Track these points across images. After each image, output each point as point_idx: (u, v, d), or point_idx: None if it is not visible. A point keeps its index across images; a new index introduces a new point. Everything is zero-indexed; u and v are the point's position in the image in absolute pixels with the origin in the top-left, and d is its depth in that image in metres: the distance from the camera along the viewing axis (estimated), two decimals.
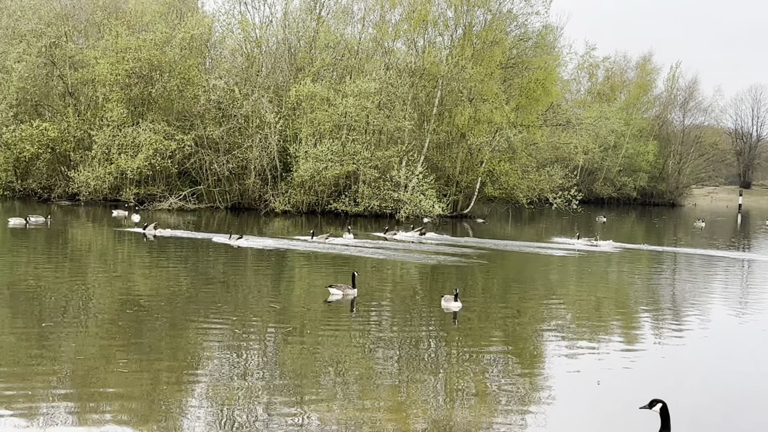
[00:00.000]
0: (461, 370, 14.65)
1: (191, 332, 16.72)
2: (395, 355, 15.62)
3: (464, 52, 56.21)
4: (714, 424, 12.44)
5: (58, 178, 58.80)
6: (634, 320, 20.91)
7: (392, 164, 54.13)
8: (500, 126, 56.67)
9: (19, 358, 14.02)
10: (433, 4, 58.18)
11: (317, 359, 14.85)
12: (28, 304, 19.13)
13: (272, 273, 27.34)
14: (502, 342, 17.32)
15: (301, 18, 59.21)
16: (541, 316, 20.71)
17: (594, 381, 14.03)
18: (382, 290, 23.65)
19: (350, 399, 12.47)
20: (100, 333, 16.29)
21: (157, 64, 56.11)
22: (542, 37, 63.09)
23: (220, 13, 60.83)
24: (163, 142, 55.02)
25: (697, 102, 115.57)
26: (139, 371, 13.45)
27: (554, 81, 64.11)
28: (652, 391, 13.45)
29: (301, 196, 55.18)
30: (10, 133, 56.27)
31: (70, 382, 12.77)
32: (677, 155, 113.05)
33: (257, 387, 12.91)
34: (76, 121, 58.53)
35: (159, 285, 23.26)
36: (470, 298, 22.22)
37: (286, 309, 19.97)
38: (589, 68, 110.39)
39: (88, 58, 57.58)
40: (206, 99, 56.01)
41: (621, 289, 27.46)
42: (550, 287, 26.77)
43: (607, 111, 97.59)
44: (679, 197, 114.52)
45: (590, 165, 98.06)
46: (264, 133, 55.57)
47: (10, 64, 57.56)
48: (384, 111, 55.07)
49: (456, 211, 59.32)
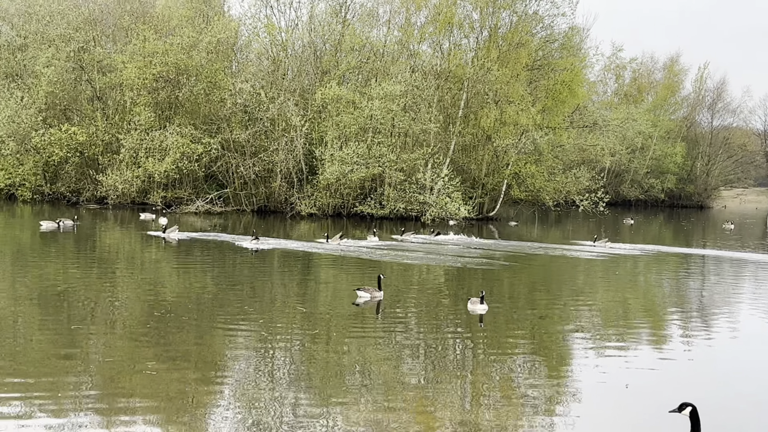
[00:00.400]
0: (487, 372, 14.58)
1: (218, 335, 16.78)
2: (421, 358, 15.59)
3: (490, 54, 56.08)
4: (744, 428, 12.29)
5: (87, 182, 59.35)
6: (662, 323, 20.73)
7: (418, 167, 54.10)
8: (526, 128, 56.49)
9: (48, 360, 14.14)
10: (459, 7, 58.14)
11: (343, 361, 14.85)
12: (58, 306, 19.30)
13: (298, 276, 27.40)
14: (529, 345, 17.23)
15: (327, 21, 59.38)
16: (567, 318, 20.57)
17: (622, 384, 13.91)
18: (407, 293, 23.61)
19: (376, 401, 12.45)
20: (128, 335, 16.40)
21: (184, 68, 56.50)
22: (568, 39, 62.81)
23: (246, 17, 61.37)
24: (190, 145, 55.37)
25: (726, 103, 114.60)
26: (166, 374, 13.51)
27: (581, 83, 63.81)
28: (681, 395, 13.31)
29: (327, 199, 55.30)
30: (39, 138, 56.88)
31: (99, 385, 12.86)
32: (705, 157, 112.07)
33: (284, 389, 12.93)
34: (105, 125, 59.08)
35: (186, 288, 23.38)
36: (496, 300, 22.13)
37: (312, 312, 19.99)
38: (616, 69, 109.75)
39: (116, 62, 58.10)
40: (232, 102, 56.32)
41: (649, 291, 27.23)
42: (576, 290, 26.60)
43: (635, 112, 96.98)
44: (707, 199, 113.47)
45: (617, 167, 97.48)
46: (290, 136, 55.75)
47: (40, 69, 58.22)
48: (409, 113, 55.07)
49: (482, 214, 59.19)
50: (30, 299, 20.21)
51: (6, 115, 57.26)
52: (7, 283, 22.66)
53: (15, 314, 18.11)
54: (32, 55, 60.48)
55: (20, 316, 18.01)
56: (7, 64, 61.88)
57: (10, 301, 19.73)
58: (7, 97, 58.45)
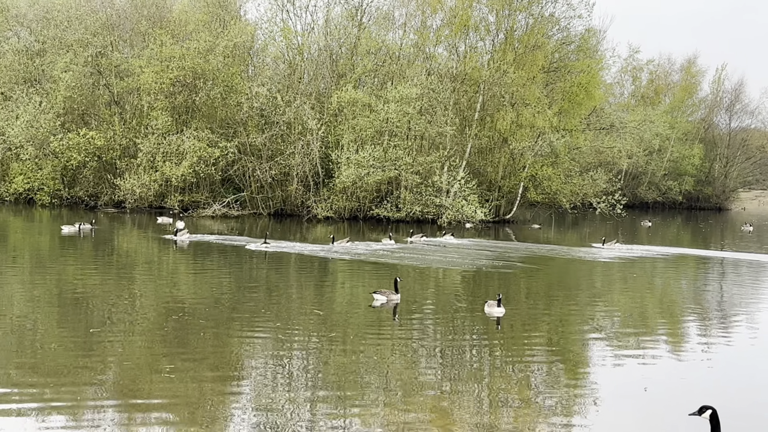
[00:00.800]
0: (505, 376, 14.54)
1: (235, 339, 16.82)
2: (438, 361, 15.56)
3: (506, 56, 55.96)
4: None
5: (105, 186, 59.64)
6: (681, 326, 20.62)
7: (434, 170, 54.06)
8: (543, 130, 56.35)
9: (67, 363, 14.21)
10: (475, 9, 58.06)
11: (360, 365, 14.85)
12: (76, 310, 19.41)
13: (315, 279, 27.42)
14: (546, 347, 17.16)
15: (343, 25, 59.46)
16: (585, 321, 20.49)
17: (641, 387, 13.83)
18: (423, 295, 23.59)
19: (394, 404, 12.44)
20: (145, 339, 16.47)
21: (201, 72, 56.69)
22: (585, 41, 62.57)
23: (262, 21, 61.49)
24: (207, 149, 55.53)
25: (744, 104, 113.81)
26: (184, 377, 13.56)
27: (597, 85, 63.56)
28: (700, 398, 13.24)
29: (344, 202, 55.35)
30: (57, 142, 57.22)
31: (117, 388, 12.92)
32: (723, 159, 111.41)
33: (301, 393, 12.94)
34: (122, 130, 59.36)
35: (203, 291, 23.46)
36: (513, 303, 22.06)
37: (329, 315, 20.00)
38: (633, 71, 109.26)
39: (134, 67, 58.38)
40: (249, 106, 56.46)
41: (667, 294, 27.08)
42: (594, 293, 26.50)
43: (652, 114, 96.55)
44: (725, 201, 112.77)
45: (634, 169, 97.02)
46: (306, 140, 55.84)
47: (58, 74, 58.57)
48: (425, 116, 55.04)
49: (498, 216, 59.07)
50: (49, 303, 20.34)
51: (25, 120, 57.63)
52: (27, 287, 22.81)
53: (35, 318, 18.23)
54: (50, 60, 60.86)
55: (39, 319, 18.12)
56: (25, 69, 62.30)
57: (30, 304, 19.87)
58: (25, 102, 58.83)
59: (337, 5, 59.86)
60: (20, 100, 59.36)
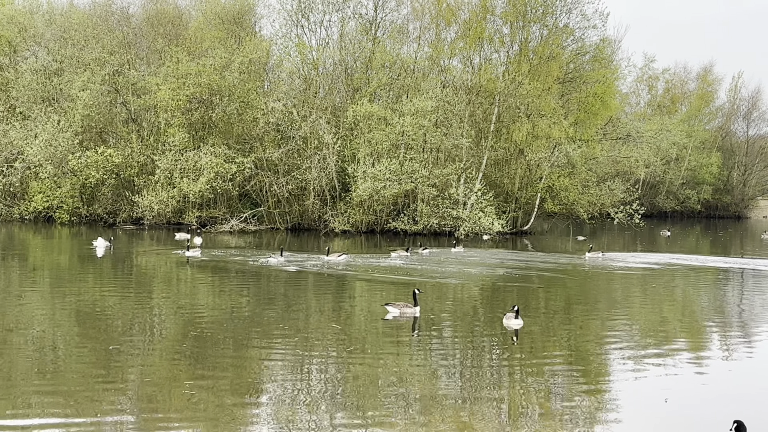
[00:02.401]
0: (525, 388, 14.47)
1: (254, 353, 16.85)
2: (457, 374, 15.52)
3: (521, 67, 55.98)
4: None
5: (123, 203, 59.98)
6: (701, 336, 20.47)
7: (450, 182, 54.07)
8: (559, 141, 56.27)
9: (87, 380, 14.27)
10: (489, 22, 58.16)
11: (379, 378, 14.82)
12: (95, 326, 19.50)
13: (332, 293, 27.41)
14: (566, 359, 17.07)
15: (357, 39, 59.75)
16: (604, 332, 20.37)
17: (661, 398, 13.74)
18: (440, 308, 23.53)
19: (413, 418, 12.41)
20: (164, 355, 16.52)
21: (217, 88, 57.03)
22: (600, 51, 62.50)
23: (277, 36, 61.95)
24: (224, 165, 55.80)
25: (761, 112, 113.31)
26: (204, 393, 13.58)
27: (613, 94, 63.46)
28: (721, 409, 13.16)
29: (360, 216, 55.44)
30: (76, 160, 57.64)
31: (137, 404, 12.95)
32: (742, 167, 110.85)
33: (320, 407, 12.94)
34: (140, 147, 59.75)
35: (221, 306, 23.50)
36: (532, 314, 21.98)
37: (347, 329, 20.00)
38: (649, 80, 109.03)
39: (150, 84, 58.78)
40: (265, 122, 56.73)
41: (687, 304, 26.91)
42: (613, 303, 26.36)
43: (668, 123, 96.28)
44: (744, 209, 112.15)
45: (652, 178, 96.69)
46: (322, 154, 56.00)
47: (75, 93, 59.08)
48: (441, 129, 55.12)
49: (516, 228, 58.96)
50: (68, 319, 20.45)
51: (43, 139, 58.13)
52: (47, 303, 22.95)
53: (54, 334, 18.33)
54: (68, 79, 61.39)
55: (59, 336, 18.22)
56: (43, 88, 62.87)
57: (50, 321, 19.98)
58: (44, 121, 59.35)
59: (351, 20, 60.25)
60: (39, 119, 59.90)
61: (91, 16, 63.74)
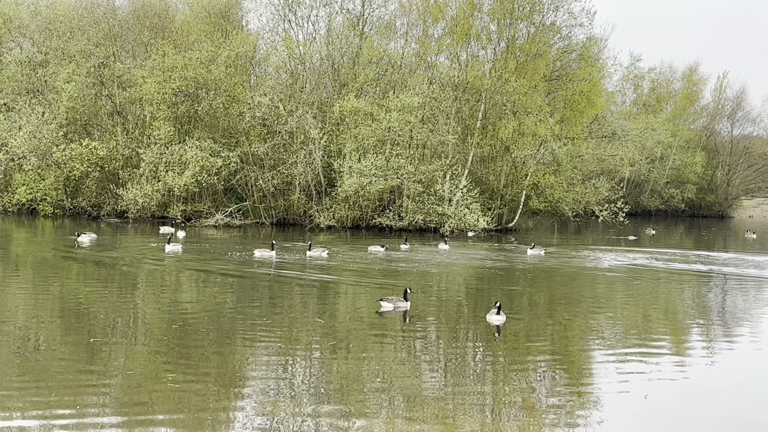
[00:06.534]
0: (507, 383, 14.52)
1: (237, 346, 16.82)
2: (441, 368, 15.54)
3: (507, 65, 56.07)
4: None
5: (107, 196, 59.66)
6: (683, 333, 20.58)
7: (436, 178, 54.11)
8: (545, 139, 56.40)
9: (69, 373, 14.21)
10: (476, 18, 58.16)
11: (363, 372, 14.83)
12: (77, 320, 19.42)
13: (317, 288, 27.37)
14: (549, 355, 17.14)
15: (345, 34, 59.67)
16: (587, 328, 20.45)
17: (642, 395, 13.81)
18: (426, 303, 23.54)
19: (396, 411, 12.43)
20: (147, 348, 16.46)
21: (203, 82, 56.83)
22: (586, 49, 62.66)
23: (264, 30, 61.76)
24: (210, 159, 55.63)
25: (746, 112, 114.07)
26: (187, 386, 13.55)
27: (599, 93, 63.66)
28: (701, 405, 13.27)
29: (346, 211, 55.42)
30: (60, 153, 57.30)
31: (119, 397, 12.91)
32: (726, 166, 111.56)
33: (304, 400, 12.94)
34: (125, 140, 59.45)
35: (204, 300, 23.45)
36: (515, 311, 22.05)
37: (331, 323, 19.99)
38: (635, 79, 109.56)
39: (136, 77, 58.51)
40: (251, 116, 56.60)
41: (669, 302, 27.05)
42: (595, 300, 26.46)
43: (654, 122, 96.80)
44: (728, 209, 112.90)
45: (637, 177, 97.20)
46: (308, 149, 55.93)
47: (60, 85, 58.71)
48: (427, 125, 55.11)
49: (501, 225, 59.08)
50: (51, 313, 20.35)
51: (27, 131, 57.77)
52: (29, 297, 22.82)
53: (37, 328, 18.23)
54: (53, 71, 61.00)
55: (41, 330, 18.13)
56: (28, 80, 62.46)
57: (32, 314, 19.87)
58: (28, 112, 58.95)
59: (338, 15, 60.11)
60: (23, 110, 59.49)
61: (77, 7, 63.27)
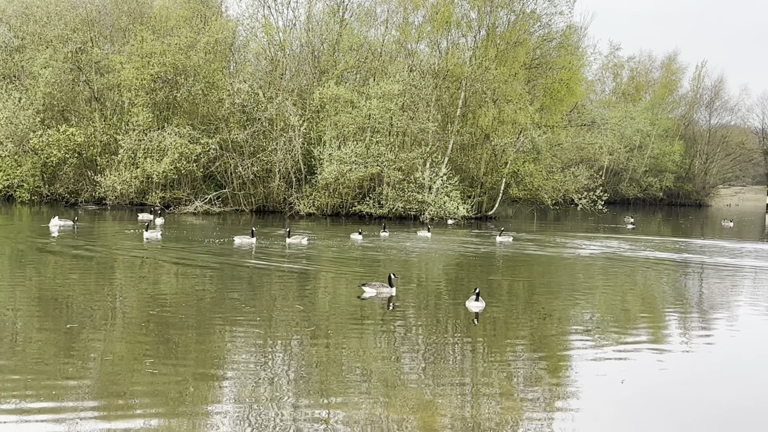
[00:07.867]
0: (486, 370, 14.58)
1: (217, 333, 16.77)
2: (421, 356, 15.57)
3: (488, 53, 56.12)
4: (743, 424, 12.28)
5: (85, 183, 59.29)
6: (660, 320, 20.74)
7: (416, 166, 54.16)
8: (524, 127, 56.55)
9: (47, 359, 14.12)
10: (456, 6, 58.17)
11: (342, 359, 14.84)
12: (56, 306, 19.30)
13: (297, 275, 27.33)
14: (527, 341, 17.22)
15: (325, 21, 59.51)
16: (565, 315, 20.56)
17: (618, 380, 13.91)
18: (406, 290, 23.57)
19: (375, 398, 12.44)
20: (126, 334, 16.38)
21: (182, 68, 56.52)
22: (566, 38, 62.88)
23: (243, 17, 61.54)
24: (188, 146, 55.37)
25: (723, 101, 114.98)
26: (165, 372, 13.50)
27: (579, 81, 63.94)
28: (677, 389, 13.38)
29: (326, 199, 55.37)
30: (37, 139, 56.85)
31: (98, 383, 12.84)
32: (703, 155, 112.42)
33: (283, 387, 12.92)
34: (103, 126, 59.05)
35: (184, 287, 23.37)
36: (495, 297, 22.14)
37: (311, 310, 19.97)
38: (614, 68, 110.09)
39: (114, 63, 58.08)
40: (231, 102, 56.36)
41: (648, 290, 27.22)
42: (573, 287, 26.61)
43: (632, 111, 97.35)
44: (706, 197, 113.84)
45: (615, 165, 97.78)
46: (288, 136, 55.79)
47: (37, 70, 58.20)
48: (408, 113, 55.10)
49: (481, 213, 59.23)
50: (28, 299, 20.20)
51: (4, 117, 57.25)
52: (6, 283, 22.64)
53: (14, 314, 18.09)
54: (30, 57, 60.46)
55: (19, 316, 17.99)
56: (4, 65, 61.87)
57: (9, 300, 19.72)
58: (5, 98, 58.41)
59: (319, 1, 60.02)
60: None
61: None
